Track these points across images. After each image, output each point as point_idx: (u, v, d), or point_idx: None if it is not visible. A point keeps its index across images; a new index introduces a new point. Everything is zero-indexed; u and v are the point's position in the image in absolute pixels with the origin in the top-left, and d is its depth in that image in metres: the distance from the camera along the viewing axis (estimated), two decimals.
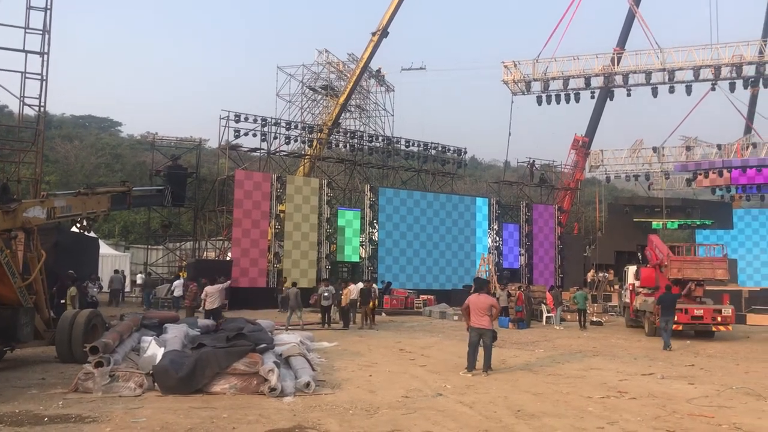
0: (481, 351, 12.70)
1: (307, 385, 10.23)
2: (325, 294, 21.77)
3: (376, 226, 34.67)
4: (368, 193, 34.91)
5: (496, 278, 33.62)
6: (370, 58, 42.37)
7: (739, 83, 37.29)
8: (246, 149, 35.08)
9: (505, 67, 40.14)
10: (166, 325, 13.23)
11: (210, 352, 10.32)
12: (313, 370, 11.72)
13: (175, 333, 12.07)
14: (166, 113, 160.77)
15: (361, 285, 23.15)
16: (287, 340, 13.17)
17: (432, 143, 40.47)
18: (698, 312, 20.63)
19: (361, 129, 46.04)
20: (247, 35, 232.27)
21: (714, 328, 20.98)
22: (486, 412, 9.13)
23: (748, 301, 30.97)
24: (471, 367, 12.53)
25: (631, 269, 26.18)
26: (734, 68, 36.42)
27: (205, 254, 37.05)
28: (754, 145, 41.47)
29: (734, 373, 13.50)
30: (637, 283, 24.43)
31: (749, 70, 36.82)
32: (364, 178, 39.58)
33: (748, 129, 48.65)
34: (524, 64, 39.97)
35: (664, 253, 22.54)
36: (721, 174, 40.00)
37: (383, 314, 27.71)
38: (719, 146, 41.40)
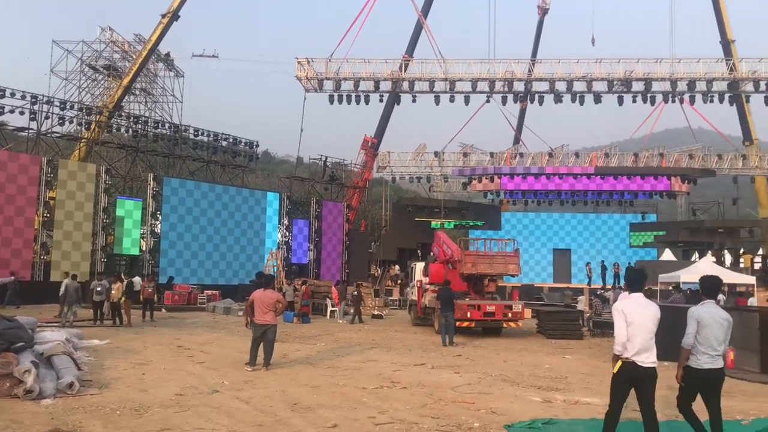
0: (263, 346, 12.62)
1: (71, 385, 9.49)
2: (98, 289, 20.34)
3: (159, 218, 33.04)
4: (152, 183, 33.16)
5: (284, 273, 33.70)
6: (158, 40, 40.40)
7: (510, 97, 40.90)
8: (11, 128, 31.70)
9: (299, 63, 40.35)
10: None
11: None
12: (79, 369, 10.90)
13: None
14: None
15: (137, 279, 21.94)
16: (51, 338, 12.06)
17: (223, 134, 39.55)
18: (490, 308, 20.34)
19: (147, 114, 43.71)
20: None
21: (505, 324, 20.85)
22: (262, 406, 9.08)
23: (511, 296, 33.93)
24: (252, 362, 12.40)
25: (419, 266, 25.50)
26: (506, 83, 39.82)
27: None
28: (521, 155, 45.67)
29: (495, 362, 14.71)
30: (425, 280, 23.38)
31: (519, 86, 40.48)
32: (148, 167, 37.56)
33: (517, 140, 53.58)
34: (318, 62, 40.47)
35: (453, 249, 22.24)
36: (492, 180, 43.53)
37: (163, 310, 26.53)
38: (492, 154, 45.00)
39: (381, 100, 42.17)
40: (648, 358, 6.44)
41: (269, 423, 8.15)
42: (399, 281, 38.94)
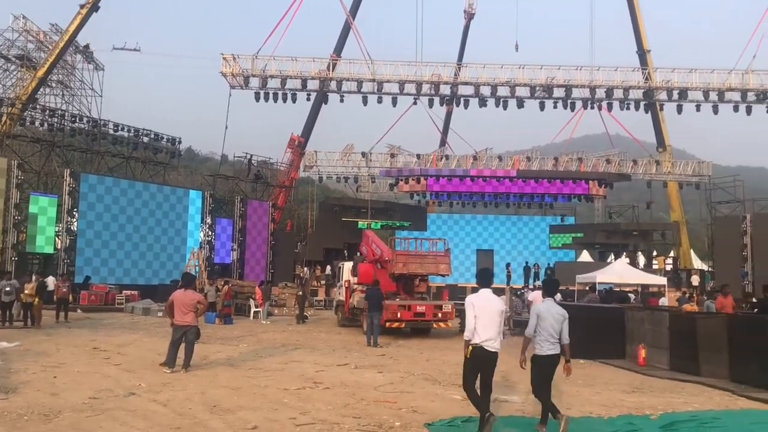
0: (182, 347, 12.34)
1: None
2: (7, 289, 19.42)
3: (76, 215, 31.79)
4: (68, 179, 31.82)
5: (207, 273, 33.04)
6: (77, 31, 38.91)
7: (437, 100, 41.37)
8: None
9: (224, 59, 39.59)
10: None
11: None
12: None
13: None
14: None
15: (50, 278, 21.08)
16: None
17: (144, 130, 38.44)
18: (421, 309, 20.17)
19: (63, 108, 42.00)
20: None
21: (435, 325, 20.71)
22: (180, 409, 8.87)
23: (434, 296, 34.32)
24: (171, 363, 12.11)
25: (347, 265, 25.02)
26: (433, 86, 40.28)
27: None
28: (447, 157, 46.26)
29: (418, 361, 14.86)
30: (353, 280, 23.03)
31: (446, 89, 40.99)
32: (64, 162, 36.10)
33: (443, 142, 54.33)
34: (244, 58, 39.83)
35: (383, 249, 22.04)
36: (419, 181, 43.90)
37: (78, 311, 25.58)
38: (419, 156, 45.37)
39: (308, 99, 41.92)
40: (493, 344, 7.60)
41: (187, 426, 7.96)
42: (323, 282, 38.83)
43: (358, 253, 28.11)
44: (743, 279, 34.78)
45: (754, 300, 24.46)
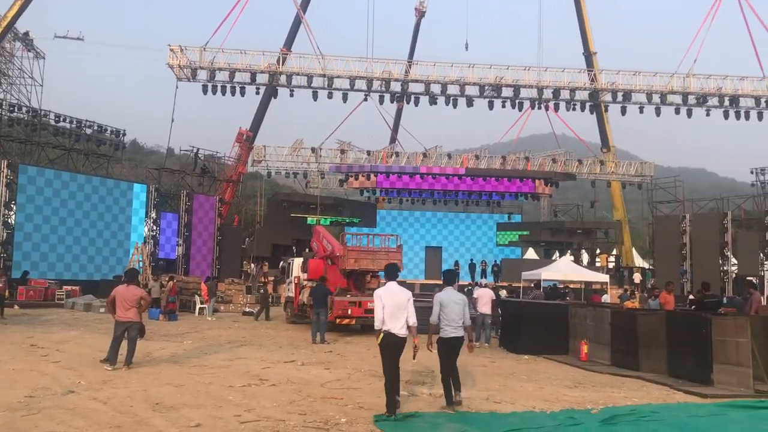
0: (125, 344, 12.07)
1: None
2: None
3: (14, 208, 30.72)
4: (5, 170, 30.69)
5: (151, 269, 32.38)
6: (16, 17, 37.58)
7: (387, 97, 41.45)
8: None
9: (172, 50, 38.81)
10: None
11: None
12: None
13: None
14: None
15: None
16: None
17: (87, 121, 37.33)
18: (372, 305, 20.19)
19: (1, 97, 40.53)
20: None
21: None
22: (121, 407, 8.66)
23: None
24: (113, 360, 11.82)
25: (297, 261, 24.61)
26: (384, 83, 40.30)
27: None
28: (397, 154, 46.34)
29: (365, 358, 14.85)
30: (303, 276, 22.64)
31: (396, 86, 41.07)
32: (1, 153, 34.80)
33: (393, 139, 54.40)
34: (191, 50, 39.10)
35: (334, 244, 21.82)
36: (369, 177, 43.90)
37: (16, 307, 24.74)
38: (369, 152, 45.34)
39: (257, 93, 41.47)
40: (401, 330, 8.57)
41: (128, 424, 7.78)
42: (272, 277, 38.46)
43: (307, 249, 27.89)
44: (682, 277, 35.90)
45: (692, 297, 25.26)
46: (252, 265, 40.62)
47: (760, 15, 40.22)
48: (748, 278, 29.50)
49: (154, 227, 37.01)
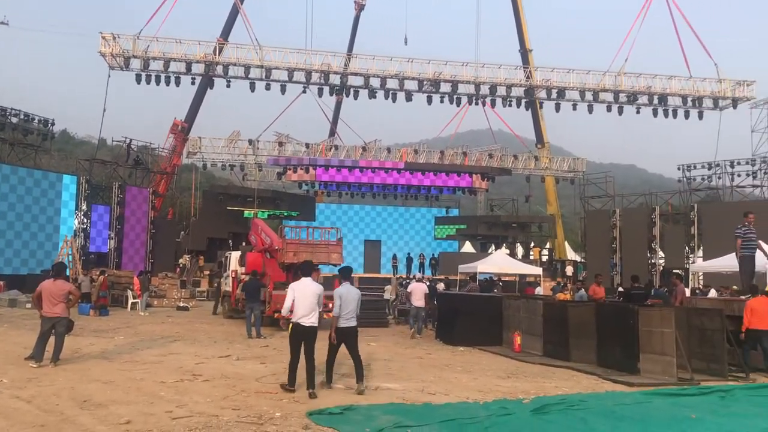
0: (52, 340, 11.67)
1: None
2: None
3: None
4: None
5: (81, 262, 31.41)
6: None
7: (326, 90, 41.16)
8: None
9: (103, 38, 37.58)
10: None
11: None
12: None
13: None
14: None
15: None
16: None
17: (13, 109, 35.79)
18: None
19: None
20: None
21: (326, 315, 20.43)
22: (46, 405, 8.38)
23: (326, 286, 34.32)
24: (39, 357, 11.42)
25: (234, 255, 24.30)
26: (323, 75, 40.03)
27: None
28: (336, 147, 46.23)
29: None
30: (241, 270, 22.29)
31: (335, 79, 40.85)
32: None
33: (333, 132, 54.26)
34: (124, 38, 37.96)
35: (273, 238, 21.54)
36: (307, 170, 43.62)
37: None
38: (308, 145, 45.05)
39: (193, 83, 40.54)
40: (309, 320, 9.59)
41: (53, 423, 7.53)
42: (208, 271, 37.86)
43: (244, 243, 27.51)
44: (612, 270, 37.06)
45: (621, 289, 26.08)
46: (187, 258, 39.83)
47: (688, 17, 41.75)
48: (674, 271, 30.64)
49: (85, 220, 35.86)
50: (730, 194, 39.71)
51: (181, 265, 38.47)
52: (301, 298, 9.61)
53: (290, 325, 9.66)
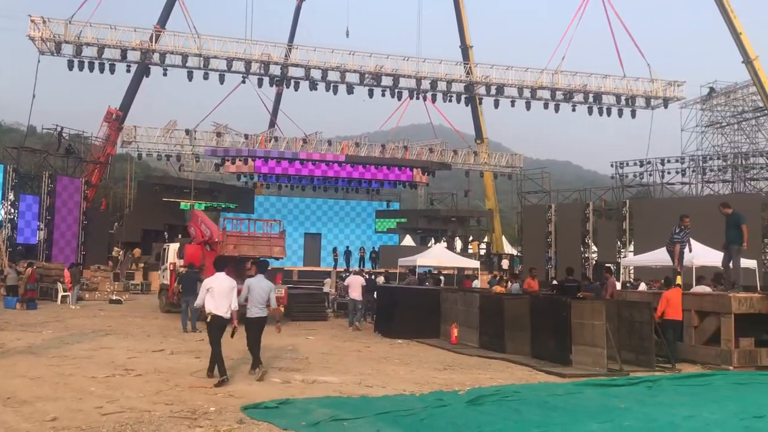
0: None
1: None
2: None
3: None
4: None
5: (8, 254, 30.23)
6: None
7: (266, 80, 40.62)
8: None
9: (33, 21, 36.09)
10: None
11: None
12: None
13: None
14: None
15: None
16: None
17: None
18: None
19: None
20: None
21: (270, 310, 20.03)
22: None
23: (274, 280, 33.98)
24: None
25: (172, 247, 23.64)
26: (263, 65, 39.47)
27: None
28: (276, 139, 45.73)
29: (237, 346, 14.45)
30: (179, 263, 21.66)
31: (276, 70, 40.37)
32: None
33: (272, 123, 53.63)
34: (55, 22, 36.55)
35: (213, 229, 21.03)
36: (246, 162, 43.02)
37: None
38: (247, 136, 44.40)
39: (128, 71, 39.46)
40: (226, 313, 10.02)
41: None
42: (141, 264, 36.99)
43: (180, 235, 27.01)
44: (547, 263, 37.89)
45: (555, 282, 26.70)
46: (120, 251, 38.79)
47: (623, 18, 42.84)
48: (607, 265, 31.54)
49: (12, 210, 34.48)
50: (661, 191, 41.14)
51: (113, 258, 37.44)
52: (217, 293, 10.02)
53: (209, 316, 10.04)
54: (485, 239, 51.75)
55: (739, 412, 8.77)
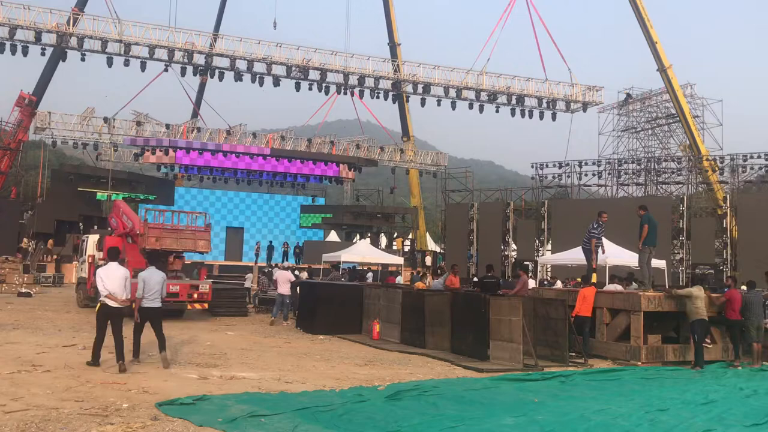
0: None
1: None
2: None
3: None
4: None
5: None
6: None
7: (190, 69, 39.62)
8: None
9: None
10: None
11: None
12: None
13: None
14: None
15: None
16: None
17: None
18: (174, 288, 18.19)
19: None
20: None
21: (189, 306, 19.12)
22: None
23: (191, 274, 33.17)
24: None
25: (92, 238, 22.44)
26: (186, 54, 38.48)
27: None
28: (199, 130, 44.72)
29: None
30: (99, 255, 20.45)
31: (200, 59, 39.43)
32: None
33: (195, 114, 52.43)
34: None
35: (135, 221, 20.08)
36: (167, 152, 41.92)
37: None
38: (168, 126, 43.24)
39: (43, 54, 37.72)
40: (114, 303, 10.39)
41: None
42: (56, 255, 35.53)
43: (95, 226, 26.03)
44: (469, 260, 38.58)
45: (475, 279, 27.18)
46: (31, 242, 37.11)
47: (547, 23, 43.99)
48: (525, 263, 32.39)
49: None
50: (578, 192, 42.52)
51: (23, 249, 35.78)
52: (111, 282, 10.48)
53: (99, 305, 10.47)
54: (410, 236, 52.23)
55: (645, 405, 9.18)
